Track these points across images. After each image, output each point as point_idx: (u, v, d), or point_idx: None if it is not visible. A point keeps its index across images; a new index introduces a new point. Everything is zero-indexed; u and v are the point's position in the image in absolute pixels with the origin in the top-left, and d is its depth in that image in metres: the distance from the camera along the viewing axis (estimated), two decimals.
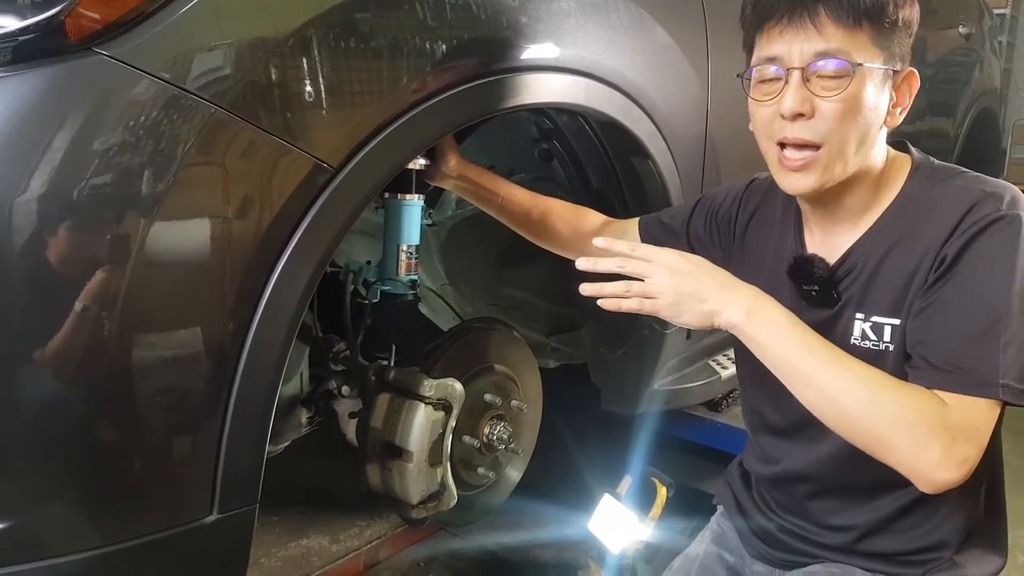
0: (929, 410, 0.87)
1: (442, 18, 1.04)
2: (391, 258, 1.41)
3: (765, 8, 0.97)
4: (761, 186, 1.21)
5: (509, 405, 1.48)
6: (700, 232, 1.27)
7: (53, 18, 0.77)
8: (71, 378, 0.82)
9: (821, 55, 0.93)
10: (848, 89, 0.93)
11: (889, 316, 0.98)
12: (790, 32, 0.94)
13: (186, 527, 0.92)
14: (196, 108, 0.84)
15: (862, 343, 1.00)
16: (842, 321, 1.02)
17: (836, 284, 1.02)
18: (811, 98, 0.94)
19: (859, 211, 1.02)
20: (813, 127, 0.94)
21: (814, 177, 0.96)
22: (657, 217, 1.35)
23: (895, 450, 0.88)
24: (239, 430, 0.93)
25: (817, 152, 0.95)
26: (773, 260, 1.12)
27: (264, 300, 0.91)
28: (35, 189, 0.77)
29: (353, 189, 0.97)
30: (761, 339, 0.95)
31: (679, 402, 1.84)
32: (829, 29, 0.92)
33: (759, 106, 0.99)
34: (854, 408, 0.89)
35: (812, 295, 1.04)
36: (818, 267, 1.03)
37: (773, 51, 0.96)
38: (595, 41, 1.29)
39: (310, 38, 0.92)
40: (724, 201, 1.25)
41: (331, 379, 1.45)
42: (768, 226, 1.16)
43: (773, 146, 0.99)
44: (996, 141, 4.03)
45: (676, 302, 0.97)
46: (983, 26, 3.48)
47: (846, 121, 0.94)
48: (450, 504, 1.38)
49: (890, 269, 0.98)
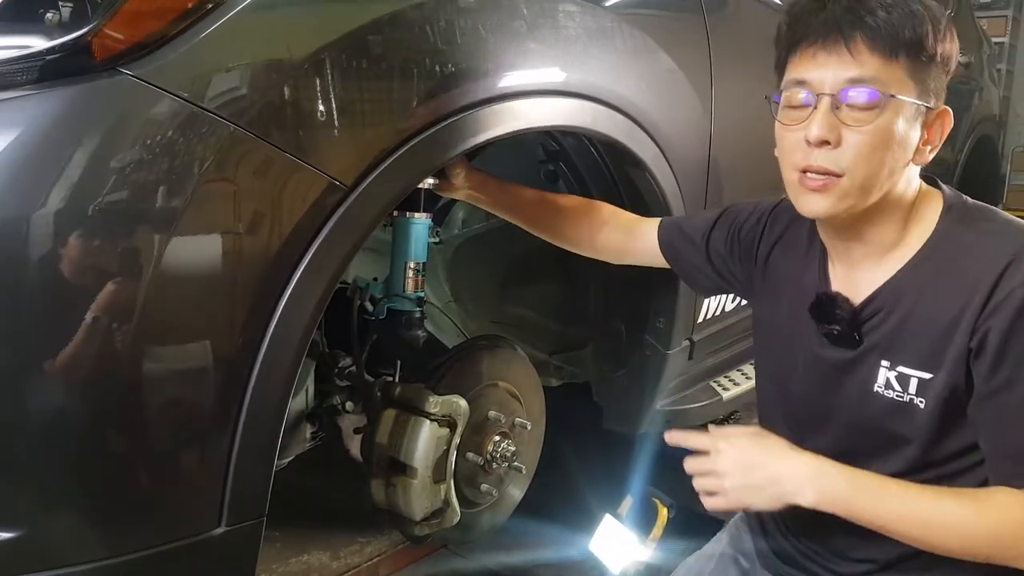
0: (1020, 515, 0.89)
1: (452, 42, 1.07)
2: (398, 275, 1.42)
3: (800, 29, 0.94)
4: (789, 211, 1.14)
5: (513, 423, 1.49)
6: (720, 247, 1.24)
7: (80, 39, 0.80)
8: (87, 390, 0.84)
9: (853, 82, 0.90)
10: (877, 121, 0.90)
11: (918, 369, 0.95)
12: (823, 55, 0.91)
13: (194, 540, 0.93)
14: (215, 127, 0.86)
15: (885, 392, 0.98)
16: (865, 366, 1.00)
17: (860, 326, 0.99)
18: (838, 127, 0.91)
19: (886, 248, 0.98)
20: (837, 157, 0.92)
21: (830, 201, 0.93)
22: (678, 224, 1.32)
23: (1004, 559, 0.90)
24: (249, 444, 0.94)
25: (838, 180, 0.93)
26: (795, 291, 1.09)
27: (276, 316, 0.93)
28: (58, 203, 0.79)
29: (366, 208, 0.98)
30: (839, 510, 0.94)
31: (681, 422, 1.85)
32: (864, 56, 0.90)
33: (786, 130, 0.96)
34: (954, 540, 0.91)
35: (833, 334, 1.01)
36: (841, 308, 1.00)
37: (804, 74, 0.93)
38: (601, 66, 1.32)
39: (324, 60, 0.94)
40: (749, 219, 1.21)
41: (336, 394, 1.46)
42: (793, 252, 1.12)
43: (795, 171, 0.96)
44: (995, 168, 4.07)
45: (742, 497, 0.98)
46: (982, 54, 3.52)
47: (872, 154, 0.91)
48: (453, 521, 1.38)
49: (921, 318, 0.95)
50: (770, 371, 1.19)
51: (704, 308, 1.75)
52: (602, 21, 1.33)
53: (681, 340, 1.71)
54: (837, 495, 0.94)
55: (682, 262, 1.31)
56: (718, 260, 1.24)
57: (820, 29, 0.92)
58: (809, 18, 0.93)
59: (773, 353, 1.17)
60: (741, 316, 1.93)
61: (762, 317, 1.20)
